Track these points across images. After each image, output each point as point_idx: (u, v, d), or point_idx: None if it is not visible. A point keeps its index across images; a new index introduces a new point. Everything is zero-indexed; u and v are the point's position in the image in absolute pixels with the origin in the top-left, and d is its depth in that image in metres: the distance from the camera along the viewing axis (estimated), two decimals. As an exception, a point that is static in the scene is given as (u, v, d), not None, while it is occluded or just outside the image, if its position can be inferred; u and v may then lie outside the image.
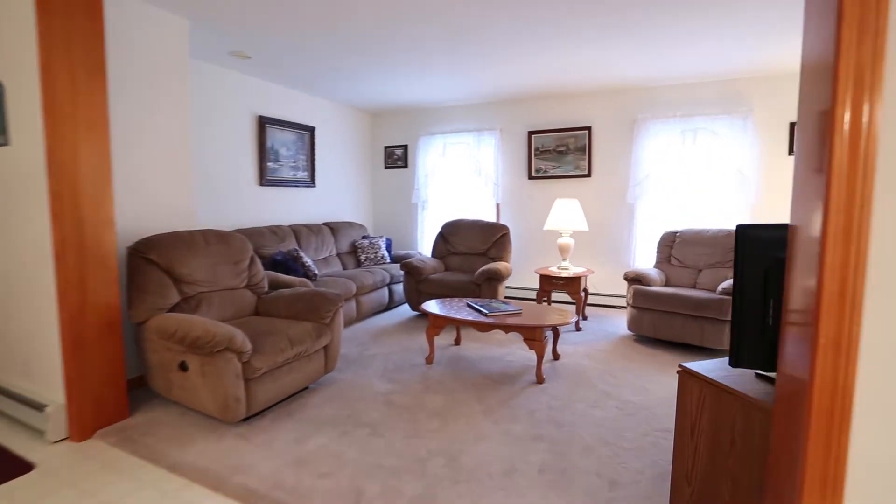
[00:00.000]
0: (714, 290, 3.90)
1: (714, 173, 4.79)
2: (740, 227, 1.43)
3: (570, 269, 4.66)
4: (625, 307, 5.23)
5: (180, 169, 3.19)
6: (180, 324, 2.30)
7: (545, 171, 5.58)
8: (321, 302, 2.96)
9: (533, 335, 3.06)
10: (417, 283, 4.74)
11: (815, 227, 0.96)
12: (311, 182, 5.50)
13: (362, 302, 4.61)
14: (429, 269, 4.83)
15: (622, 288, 5.30)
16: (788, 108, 4.55)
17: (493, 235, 5.08)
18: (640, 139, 5.03)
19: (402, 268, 4.78)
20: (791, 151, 4.57)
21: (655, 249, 4.58)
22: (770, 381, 1.49)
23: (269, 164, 4.93)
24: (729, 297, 3.53)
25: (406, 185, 6.42)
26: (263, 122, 4.80)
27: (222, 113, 4.38)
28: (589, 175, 5.37)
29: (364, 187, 6.54)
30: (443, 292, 4.58)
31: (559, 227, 4.69)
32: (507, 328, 3.14)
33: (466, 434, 2.39)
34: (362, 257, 5.41)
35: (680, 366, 1.67)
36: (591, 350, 3.75)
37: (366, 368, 3.32)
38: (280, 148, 5.07)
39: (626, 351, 3.74)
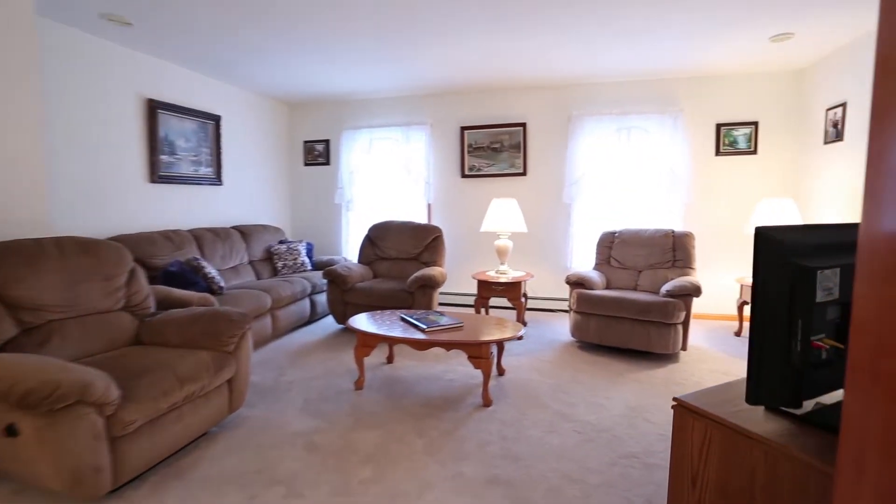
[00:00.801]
0: (657, 293, 3.78)
1: (648, 172, 4.75)
2: (760, 230, 1.14)
3: (508, 274, 4.38)
4: (564, 311, 5.06)
5: (26, 160, 2.46)
6: (5, 371, 1.65)
7: (479, 170, 5.28)
8: (223, 324, 2.39)
9: (479, 352, 2.70)
10: (343, 293, 4.22)
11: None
12: (216, 179, 4.77)
13: (279, 317, 4.01)
14: (355, 276, 4.33)
15: (560, 291, 5.13)
16: (715, 109, 4.60)
17: (425, 238, 4.68)
18: (575, 136, 4.88)
19: (324, 276, 4.23)
20: (718, 152, 4.62)
21: (594, 250, 4.43)
22: (786, 415, 1.23)
23: (163, 158, 4.16)
24: (674, 300, 3.40)
25: (328, 183, 5.83)
26: (154, 108, 4.03)
27: (97, 93, 3.57)
28: (524, 174, 5.14)
29: (281, 186, 5.85)
30: (371, 302, 4.11)
31: (497, 228, 4.39)
32: (450, 346, 2.74)
33: (409, 483, 1.96)
34: (279, 265, 4.78)
35: (675, 399, 1.37)
36: (536, 362, 3.47)
37: (282, 400, 2.78)
38: (177, 139, 4.31)
39: (573, 360, 3.50)
